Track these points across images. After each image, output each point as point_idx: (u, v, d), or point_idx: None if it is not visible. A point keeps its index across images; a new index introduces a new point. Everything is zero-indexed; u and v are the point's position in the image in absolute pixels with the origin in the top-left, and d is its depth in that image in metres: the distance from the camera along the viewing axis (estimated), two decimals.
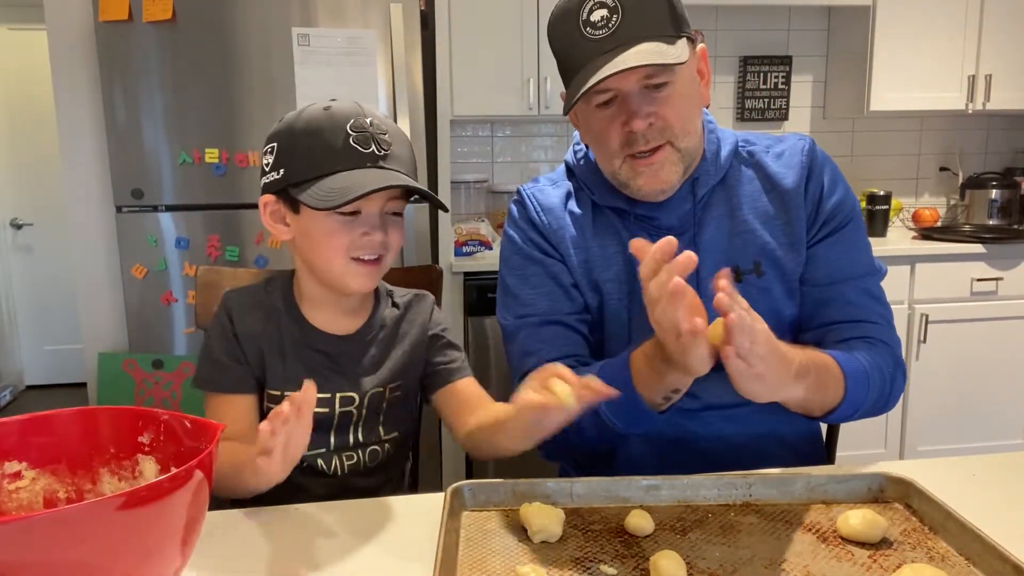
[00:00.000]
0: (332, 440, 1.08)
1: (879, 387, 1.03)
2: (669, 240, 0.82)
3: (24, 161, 4.37)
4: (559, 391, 0.77)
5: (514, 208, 1.21)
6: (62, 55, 2.34)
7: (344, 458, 1.08)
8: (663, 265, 0.82)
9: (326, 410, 1.06)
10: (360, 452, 1.10)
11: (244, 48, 2.22)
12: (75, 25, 2.32)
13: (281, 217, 1.05)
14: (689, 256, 0.81)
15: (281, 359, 1.07)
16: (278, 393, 1.06)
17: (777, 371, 0.85)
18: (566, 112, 1.03)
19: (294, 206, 1.02)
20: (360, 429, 1.09)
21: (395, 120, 2.27)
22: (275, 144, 1.01)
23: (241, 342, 1.06)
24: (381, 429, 1.11)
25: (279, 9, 2.21)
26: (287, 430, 0.78)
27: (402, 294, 1.17)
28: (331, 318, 1.09)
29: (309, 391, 0.79)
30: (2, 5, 4.15)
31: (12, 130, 4.35)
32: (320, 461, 1.07)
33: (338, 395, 1.07)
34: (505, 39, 2.68)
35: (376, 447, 1.11)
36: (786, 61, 3.24)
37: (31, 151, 4.35)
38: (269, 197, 1.04)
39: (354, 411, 1.08)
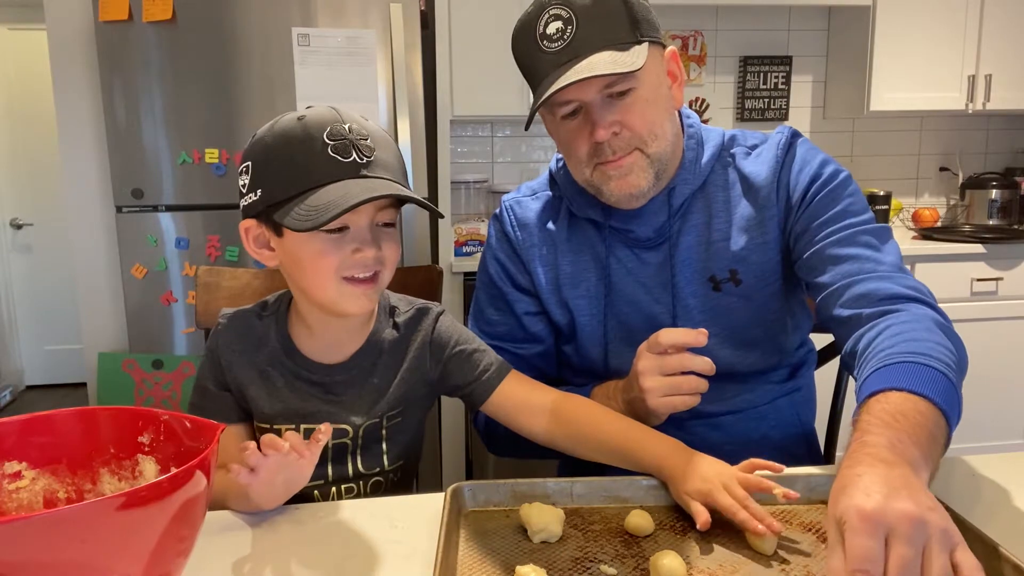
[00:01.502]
0: (329, 472, 1.02)
1: (955, 370, 0.82)
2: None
3: (24, 161, 4.37)
4: (764, 543, 0.78)
5: (493, 221, 1.22)
6: (62, 55, 2.34)
7: (343, 490, 1.03)
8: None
9: None
10: (360, 483, 1.03)
11: (244, 48, 2.22)
12: (75, 25, 2.32)
13: (265, 242, 0.96)
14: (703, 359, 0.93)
15: (268, 390, 1.01)
16: (267, 426, 1.01)
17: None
18: (527, 128, 1.03)
19: (277, 229, 0.93)
20: (360, 459, 1.03)
21: (395, 120, 2.27)
22: (250, 163, 0.93)
23: (224, 371, 1.02)
24: (385, 459, 1.04)
25: (279, 9, 2.21)
26: (277, 461, 0.80)
27: (405, 309, 1.07)
28: (327, 345, 1.02)
29: (323, 433, 0.81)
30: (2, 5, 4.15)
31: (12, 130, 4.35)
32: (317, 492, 1.01)
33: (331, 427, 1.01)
34: (505, 39, 2.67)
35: (379, 478, 1.04)
36: (786, 61, 3.24)
37: (31, 151, 4.35)
38: (250, 222, 0.96)
39: (349, 442, 1.02)
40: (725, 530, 0.83)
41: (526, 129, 1.04)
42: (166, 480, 0.62)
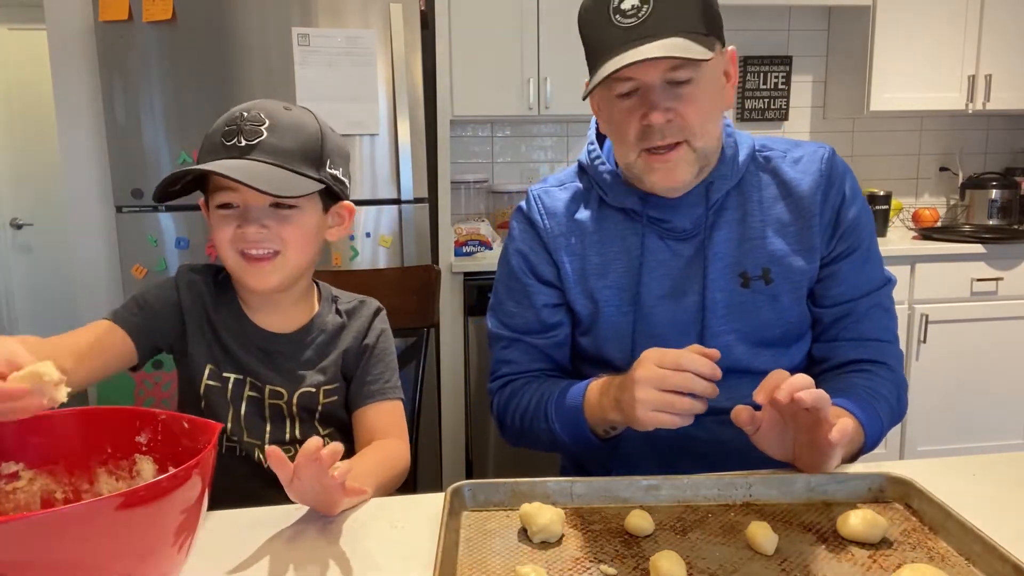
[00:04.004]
0: (268, 432, 1.08)
1: (889, 420, 1.08)
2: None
3: (24, 161, 4.36)
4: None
5: (517, 213, 1.21)
6: (62, 55, 2.34)
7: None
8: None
9: (256, 395, 1.08)
10: (297, 448, 1.03)
11: (244, 48, 2.22)
12: (75, 25, 2.32)
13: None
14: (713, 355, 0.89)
15: (219, 343, 1.08)
16: (217, 369, 1.07)
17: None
18: (585, 97, 1.04)
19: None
20: (297, 427, 1.10)
21: (395, 120, 2.27)
22: None
23: (180, 307, 1.07)
24: (319, 426, 1.11)
25: (279, 9, 2.21)
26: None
27: (347, 300, 1.17)
28: (267, 316, 1.10)
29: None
30: (2, 5, 4.15)
31: (12, 130, 4.35)
32: (257, 452, 1.07)
33: (268, 387, 1.08)
34: (505, 39, 2.68)
35: None
36: (786, 61, 3.24)
37: (31, 151, 4.35)
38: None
39: (283, 406, 1.09)
40: (725, 530, 0.83)
41: (584, 99, 1.06)
42: (164, 480, 0.62)
